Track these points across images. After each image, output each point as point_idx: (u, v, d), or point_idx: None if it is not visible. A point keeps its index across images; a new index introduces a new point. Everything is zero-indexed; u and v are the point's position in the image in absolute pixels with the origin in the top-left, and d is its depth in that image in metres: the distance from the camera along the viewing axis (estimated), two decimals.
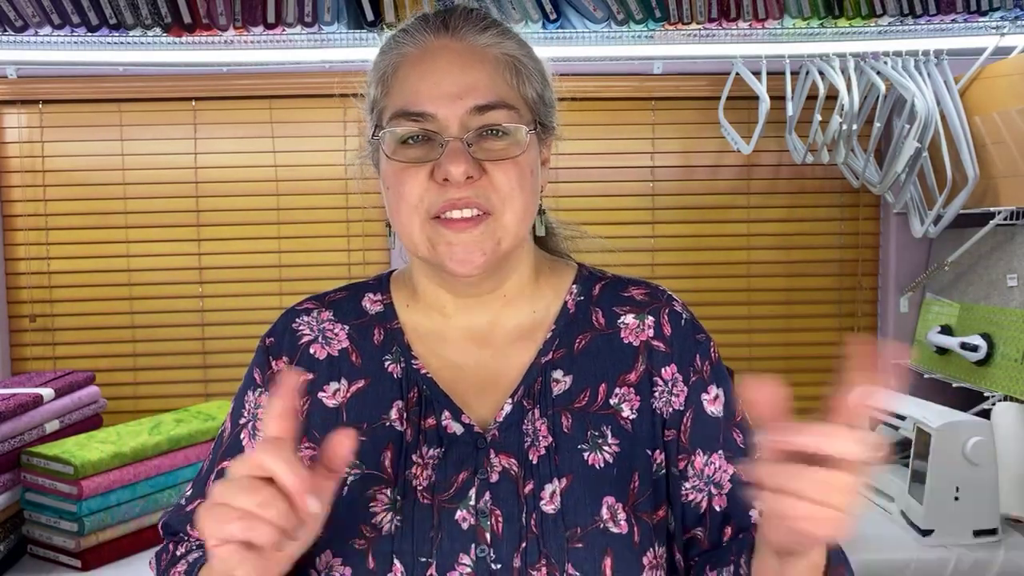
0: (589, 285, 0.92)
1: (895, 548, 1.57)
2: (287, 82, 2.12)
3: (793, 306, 2.25)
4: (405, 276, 0.93)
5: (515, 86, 0.83)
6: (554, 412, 0.83)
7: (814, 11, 1.83)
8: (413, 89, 0.81)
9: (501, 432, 0.82)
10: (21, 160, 2.13)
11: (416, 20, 0.85)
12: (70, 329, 2.16)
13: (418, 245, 0.82)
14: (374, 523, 0.79)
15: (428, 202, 0.79)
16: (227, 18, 1.78)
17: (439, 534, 0.78)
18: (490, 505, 0.79)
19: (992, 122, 1.88)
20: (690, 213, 2.23)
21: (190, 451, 1.69)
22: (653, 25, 1.86)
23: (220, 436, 0.91)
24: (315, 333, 0.90)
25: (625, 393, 0.85)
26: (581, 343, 0.87)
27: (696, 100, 2.17)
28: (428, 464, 0.81)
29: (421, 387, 0.85)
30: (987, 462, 1.56)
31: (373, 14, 1.79)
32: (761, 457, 0.63)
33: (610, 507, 0.80)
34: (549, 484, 0.80)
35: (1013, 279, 1.87)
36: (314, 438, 0.84)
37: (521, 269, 0.89)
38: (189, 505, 0.89)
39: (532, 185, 0.82)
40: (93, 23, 1.76)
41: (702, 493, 0.85)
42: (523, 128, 0.81)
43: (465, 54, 0.81)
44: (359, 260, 2.19)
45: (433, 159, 0.79)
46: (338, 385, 0.86)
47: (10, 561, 1.56)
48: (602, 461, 0.82)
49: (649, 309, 0.89)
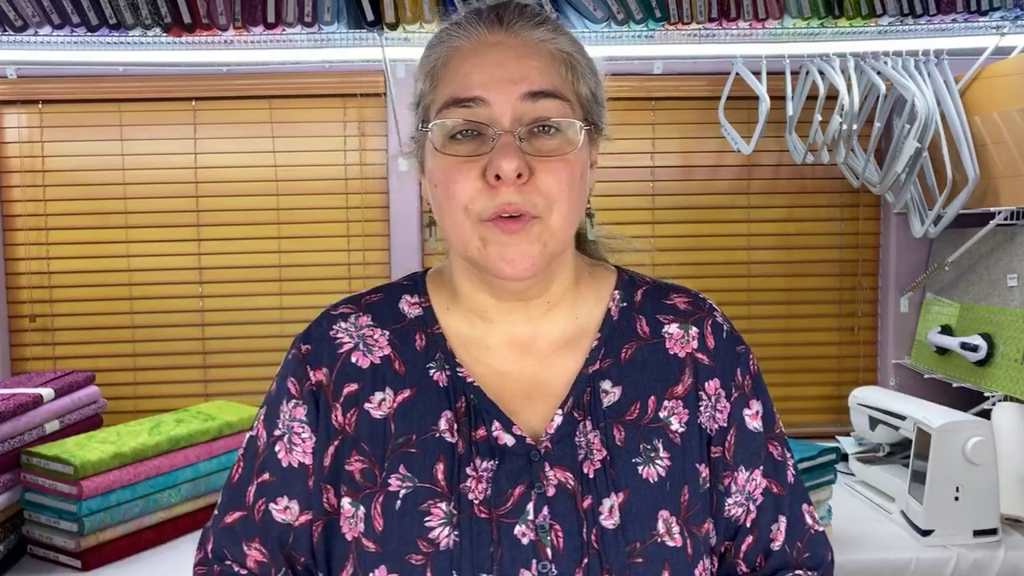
0: (631, 291, 0.91)
1: (895, 548, 1.56)
2: (287, 82, 2.12)
3: (793, 306, 2.25)
4: (443, 276, 0.91)
5: (570, 81, 0.81)
6: (606, 424, 0.82)
7: (814, 11, 1.82)
8: (465, 77, 0.78)
9: (554, 444, 0.81)
10: (21, 160, 2.13)
11: (468, 14, 0.83)
12: (70, 329, 2.16)
13: (469, 245, 0.79)
14: (431, 538, 0.77)
15: (480, 206, 0.77)
16: (227, 18, 1.78)
17: (499, 549, 0.77)
18: (549, 520, 0.78)
19: (992, 122, 1.88)
20: (690, 213, 2.23)
21: (190, 451, 1.68)
22: (653, 25, 1.85)
23: (253, 444, 0.89)
24: (355, 340, 0.87)
25: (674, 406, 0.84)
26: (627, 353, 0.86)
27: (696, 100, 2.17)
28: (482, 477, 0.79)
29: (468, 396, 0.83)
30: (987, 462, 1.56)
31: (373, 14, 1.79)
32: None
33: (665, 521, 0.80)
34: (607, 499, 0.79)
35: (1013, 279, 1.87)
36: (363, 451, 0.82)
37: (564, 274, 0.87)
38: (228, 516, 0.87)
39: (580, 187, 0.80)
40: (93, 23, 1.76)
41: (742, 508, 0.86)
42: (577, 123, 0.79)
43: (519, 47, 0.79)
44: (359, 260, 2.19)
45: (483, 154, 0.77)
46: (383, 395, 0.84)
47: (10, 561, 1.55)
48: (655, 475, 0.81)
49: (693, 319, 0.89)
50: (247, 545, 0.85)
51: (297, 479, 0.84)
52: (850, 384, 2.10)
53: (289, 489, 0.84)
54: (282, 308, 2.18)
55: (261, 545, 0.85)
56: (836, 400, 2.24)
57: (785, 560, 0.87)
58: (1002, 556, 1.54)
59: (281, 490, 0.85)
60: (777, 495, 0.87)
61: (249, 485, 0.87)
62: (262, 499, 0.85)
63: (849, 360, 2.28)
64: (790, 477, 0.89)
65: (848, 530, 1.62)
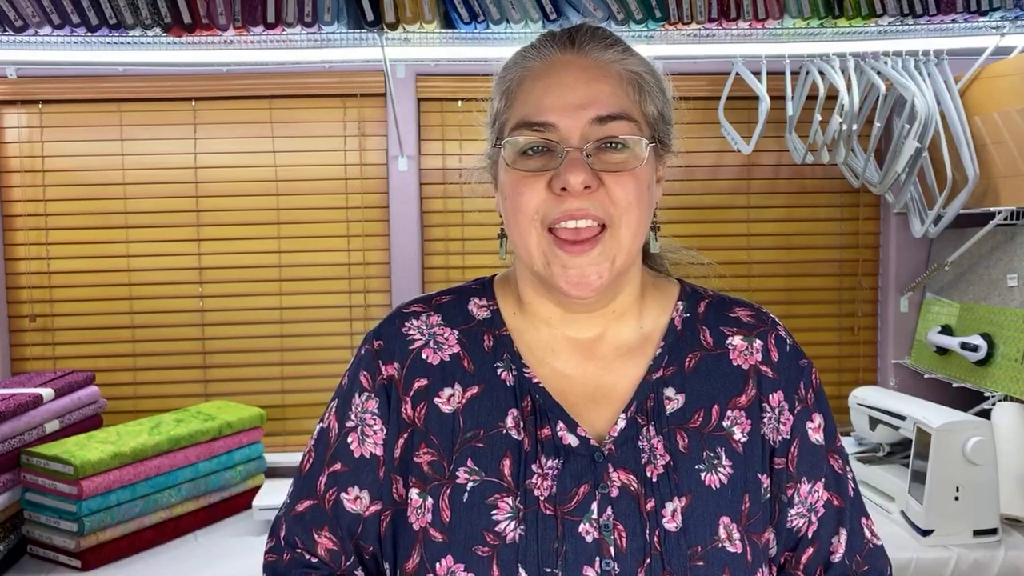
0: (694, 302, 0.93)
1: (895, 548, 1.56)
2: (287, 82, 2.12)
3: (793, 306, 2.25)
4: (511, 282, 0.93)
5: (637, 101, 0.83)
6: (669, 430, 0.84)
7: (814, 11, 1.82)
8: (536, 100, 0.81)
9: (617, 447, 0.83)
10: (21, 160, 2.13)
11: (543, 36, 0.87)
12: (70, 329, 2.16)
13: (534, 260, 0.82)
14: (497, 531, 0.80)
15: (544, 212, 0.80)
16: (227, 18, 1.78)
17: (563, 546, 0.79)
18: (613, 520, 0.80)
19: (992, 122, 1.88)
20: (690, 213, 2.23)
21: (190, 451, 1.69)
22: (653, 25, 1.85)
23: (325, 435, 0.91)
24: (426, 337, 0.90)
25: (737, 416, 0.86)
26: (691, 362, 0.88)
27: (696, 100, 2.17)
28: (548, 475, 0.81)
29: (534, 396, 0.85)
30: (987, 462, 1.56)
31: (373, 14, 1.79)
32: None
33: (726, 527, 0.82)
34: (670, 502, 0.81)
35: (1013, 279, 1.87)
36: (432, 444, 0.85)
37: (632, 285, 0.89)
38: (299, 505, 0.90)
39: (648, 200, 0.83)
40: (93, 23, 1.76)
41: (804, 519, 0.88)
42: (643, 141, 0.82)
43: (590, 69, 0.82)
44: (359, 260, 2.19)
45: (552, 168, 0.79)
46: (452, 391, 0.87)
47: (10, 561, 1.56)
48: (718, 482, 0.83)
49: (757, 332, 0.91)
50: (317, 533, 0.88)
51: (368, 469, 0.87)
52: (850, 384, 2.10)
53: (360, 479, 0.87)
54: (282, 308, 2.18)
55: (331, 533, 0.88)
56: (836, 400, 2.24)
57: (845, 573, 0.89)
58: (1002, 556, 1.55)
59: (352, 480, 0.87)
60: (838, 508, 0.89)
61: (320, 475, 0.89)
62: (333, 488, 0.88)
63: (849, 360, 2.28)
64: (850, 491, 0.91)
65: None
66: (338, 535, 0.87)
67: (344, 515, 0.87)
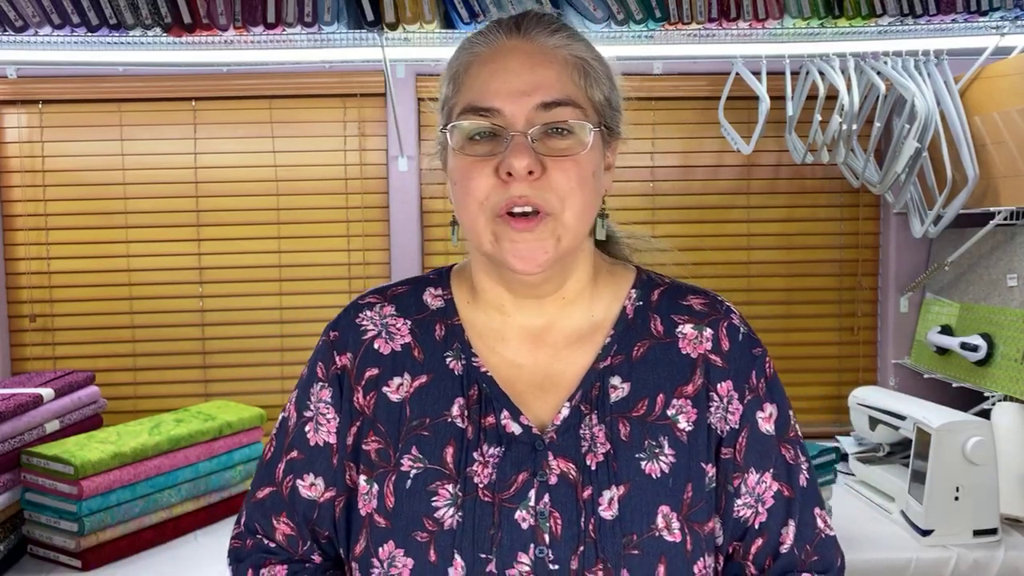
0: (648, 290, 0.93)
1: (895, 548, 1.57)
2: (287, 82, 2.12)
3: (793, 306, 2.25)
4: (466, 272, 0.95)
5: (582, 87, 0.84)
6: (612, 419, 0.85)
7: (814, 11, 1.82)
8: (482, 86, 0.82)
9: (559, 435, 0.84)
10: (21, 160, 2.13)
11: (491, 23, 0.87)
12: (70, 329, 2.16)
13: (483, 240, 0.83)
14: (436, 517, 0.81)
15: (493, 200, 0.81)
16: (227, 18, 1.78)
17: (499, 532, 0.80)
18: (549, 507, 0.81)
19: (992, 122, 1.88)
20: (690, 213, 2.23)
21: (190, 451, 1.68)
22: (653, 25, 1.85)
23: (284, 424, 0.93)
24: (378, 328, 0.92)
25: (682, 405, 0.86)
26: (639, 351, 0.88)
27: (696, 100, 2.17)
28: (489, 462, 0.83)
29: (481, 385, 0.87)
30: (987, 462, 1.56)
31: (373, 14, 1.79)
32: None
33: (665, 516, 0.82)
34: (607, 490, 0.82)
35: (1013, 279, 1.87)
36: (380, 432, 0.87)
37: (580, 270, 0.90)
38: (260, 492, 0.92)
39: (593, 186, 0.83)
40: (93, 23, 1.76)
41: (751, 509, 0.88)
42: (588, 126, 0.82)
43: (535, 54, 0.83)
44: (359, 260, 2.19)
45: (498, 154, 0.80)
46: (401, 380, 0.88)
47: (10, 561, 1.55)
48: (658, 471, 0.83)
49: (708, 320, 0.90)
50: (276, 519, 0.91)
51: (323, 457, 0.90)
52: (850, 384, 2.10)
53: (315, 467, 0.90)
54: (282, 308, 2.18)
55: (288, 519, 0.90)
56: (836, 400, 2.24)
57: (792, 563, 0.88)
58: (1002, 556, 1.54)
59: (308, 467, 0.90)
60: (788, 498, 0.88)
61: (279, 462, 0.92)
62: (290, 475, 0.91)
63: (849, 360, 2.28)
64: (803, 481, 0.90)
65: (848, 530, 1.62)
66: (295, 521, 0.90)
67: (300, 501, 0.90)
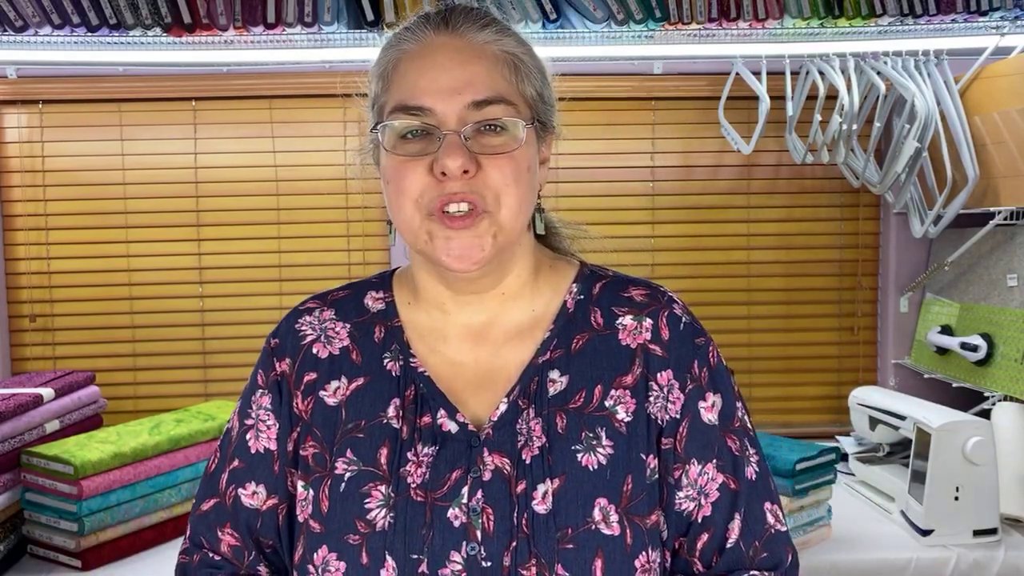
0: (589, 284, 0.92)
1: (895, 548, 1.56)
2: (287, 82, 2.12)
3: (793, 306, 2.25)
4: (407, 274, 0.94)
5: (514, 83, 0.83)
6: (549, 412, 0.84)
7: (814, 11, 1.83)
8: (412, 84, 0.81)
9: (495, 431, 0.83)
10: (21, 160, 2.13)
11: (418, 18, 0.86)
12: (70, 329, 2.16)
13: (417, 239, 0.82)
14: (368, 519, 0.80)
15: (428, 198, 0.80)
16: (227, 18, 1.78)
17: (431, 532, 0.79)
18: (482, 503, 0.80)
19: (992, 122, 1.88)
20: (690, 213, 2.22)
21: (190, 451, 1.68)
22: (653, 25, 1.86)
23: (228, 433, 0.93)
24: (317, 332, 0.91)
25: (620, 395, 0.85)
26: (578, 343, 0.87)
27: (696, 100, 2.17)
28: (422, 462, 0.82)
29: (418, 385, 0.86)
30: (987, 462, 1.56)
31: (373, 14, 1.79)
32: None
33: (602, 509, 0.80)
34: (541, 484, 0.80)
35: (1013, 279, 1.87)
36: (316, 437, 0.86)
37: (520, 266, 0.89)
38: (204, 504, 0.91)
39: (528, 181, 0.83)
40: (93, 23, 1.76)
41: (694, 502, 0.85)
42: (520, 123, 0.81)
43: (464, 50, 0.82)
44: (359, 260, 2.19)
45: (431, 153, 0.79)
46: (338, 383, 0.88)
47: (10, 561, 1.55)
48: (596, 463, 0.82)
49: (648, 311, 0.89)
50: (220, 531, 0.90)
51: (264, 464, 0.89)
52: (850, 384, 2.10)
53: (256, 474, 0.89)
54: (282, 308, 2.15)
55: (233, 530, 0.89)
56: (836, 400, 2.24)
57: (739, 559, 0.85)
58: (1002, 556, 1.54)
59: (249, 476, 0.89)
60: (734, 491, 0.86)
61: (223, 472, 0.91)
62: (233, 485, 0.90)
63: (849, 360, 2.28)
64: (750, 473, 0.87)
65: (848, 530, 1.62)
66: (239, 531, 0.89)
67: (243, 510, 0.89)
